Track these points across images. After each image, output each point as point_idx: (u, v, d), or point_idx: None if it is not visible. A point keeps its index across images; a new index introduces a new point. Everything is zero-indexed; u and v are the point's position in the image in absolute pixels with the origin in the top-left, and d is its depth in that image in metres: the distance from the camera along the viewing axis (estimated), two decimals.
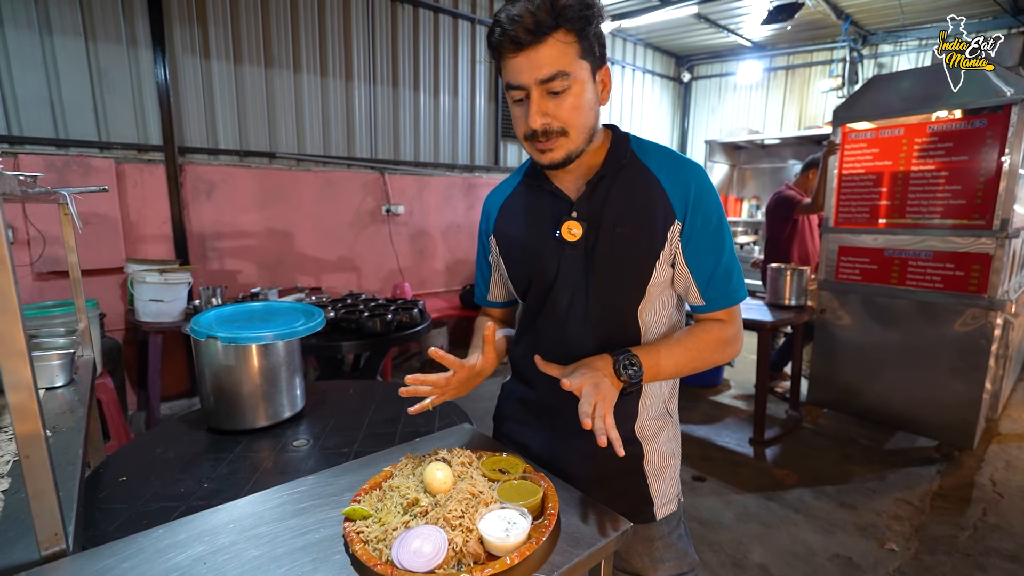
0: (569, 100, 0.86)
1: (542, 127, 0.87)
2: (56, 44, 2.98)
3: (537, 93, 0.86)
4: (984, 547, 2.19)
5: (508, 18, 0.82)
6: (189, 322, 1.32)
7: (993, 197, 2.60)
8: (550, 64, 0.83)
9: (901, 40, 5.66)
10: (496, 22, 0.85)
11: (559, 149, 0.90)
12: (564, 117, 0.87)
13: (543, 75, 0.84)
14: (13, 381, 0.64)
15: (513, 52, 0.84)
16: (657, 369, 0.92)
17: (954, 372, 2.81)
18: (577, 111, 0.87)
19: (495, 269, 1.14)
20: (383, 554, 0.70)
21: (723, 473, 2.79)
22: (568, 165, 0.93)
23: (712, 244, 0.94)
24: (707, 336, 0.97)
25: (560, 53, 0.83)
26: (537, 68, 0.84)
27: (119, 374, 2.93)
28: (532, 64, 0.84)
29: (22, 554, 0.72)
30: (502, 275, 1.12)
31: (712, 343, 0.96)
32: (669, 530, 1.05)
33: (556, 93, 0.86)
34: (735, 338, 0.99)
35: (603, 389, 0.84)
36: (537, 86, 0.85)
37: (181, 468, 1.15)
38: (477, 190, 5.11)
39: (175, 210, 3.46)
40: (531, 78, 0.85)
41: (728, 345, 0.98)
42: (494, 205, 1.12)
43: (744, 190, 6.98)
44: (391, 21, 4.34)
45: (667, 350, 0.94)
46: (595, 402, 0.81)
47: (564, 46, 0.84)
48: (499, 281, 1.17)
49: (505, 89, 0.91)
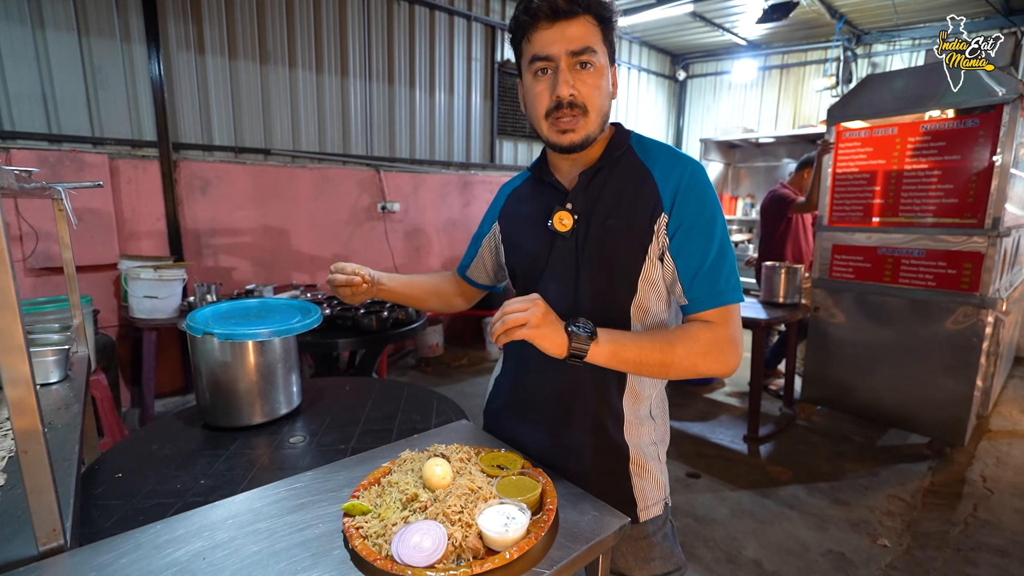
0: (595, 78, 0.90)
1: (570, 96, 0.90)
2: (49, 38, 2.95)
3: (566, 64, 0.89)
4: (975, 542, 2.21)
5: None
6: (183, 319, 1.32)
7: (985, 196, 2.63)
8: (582, 38, 0.88)
9: (895, 40, 5.69)
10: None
11: (580, 130, 0.92)
12: (587, 94, 0.90)
13: (575, 47, 0.88)
14: (12, 376, 0.64)
15: (548, 22, 0.88)
16: (617, 348, 0.85)
17: (946, 369, 2.84)
18: (599, 91, 0.91)
19: (485, 251, 1.22)
20: (383, 549, 0.70)
21: (717, 470, 2.81)
22: (584, 149, 0.95)
23: (700, 239, 0.90)
24: (690, 337, 0.88)
25: (590, 32, 0.89)
26: (570, 40, 0.88)
27: (113, 371, 2.91)
28: (565, 36, 0.88)
29: (20, 550, 0.71)
30: (496, 260, 1.20)
31: (696, 345, 0.87)
32: (654, 530, 1.04)
33: (583, 67, 0.89)
34: (726, 345, 0.88)
35: (541, 311, 0.83)
36: (567, 57, 0.89)
37: (177, 465, 1.15)
38: (473, 187, 5.11)
39: (169, 206, 3.44)
40: (563, 49, 0.88)
41: (715, 351, 0.87)
42: (504, 195, 1.18)
43: (739, 188, 7.01)
44: (387, 17, 4.32)
45: (638, 338, 0.88)
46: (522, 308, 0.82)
47: (592, 27, 0.89)
48: (482, 262, 1.24)
49: (528, 63, 0.93)
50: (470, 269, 1.27)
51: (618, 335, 0.87)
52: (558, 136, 0.93)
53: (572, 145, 0.93)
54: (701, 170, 0.94)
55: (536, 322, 0.82)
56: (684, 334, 0.88)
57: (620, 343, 0.86)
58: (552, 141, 0.95)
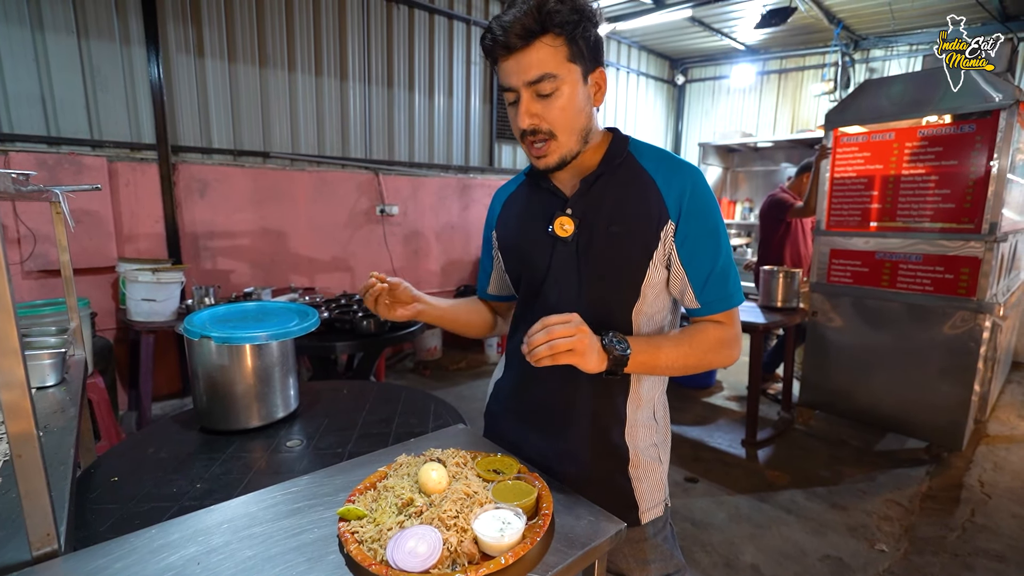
0: (558, 102, 0.89)
1: (530, 126, 0.91)
2: (48, 41, 2.95)
3: (526, 95, 0.89)
4: (972, 547, 2.21)
5: (499, 24, 0.87)
6: (181, 322, 1.32)
7: (982, 201, 2.64)
8: (537, 67, 0.87)
9: (892, 45, 5.72)
10: (488, 28, 0.89)
11: (552, 154, 0.94)
12: (552, 119, 0.90)
13: (530, 77, 0.88)
14: (6, 380, 0.64)
15: (504, 56, 0.88)
16: (648, 358, 0.90)
17: (943, 374, 2.84)
18: (565, 112, 0.90)
19: (495, 263, 1.18)
20: (378, 554, 0.70)
21: (715, 474, 2.80)
22: (563, 167, 0.96)
23: (708, 246, 0.94)
24: (704, 336, 0.95)
25: (548, 56, 0.87)
26: (525, 71, 0.87)
27: (110, 374, 2.91)
28: (520, 67, 0.88)
29: (13, 554, 0.71)
30: (501, 269, 1.16)
31: (709, 343, 0.95)
32: (655, 532, 1.05)
33: (545, 96, 0.89)
34: (733, 341, 0.98)
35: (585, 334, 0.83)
36: (525, 88, 0.89)
37: (173, 468, 1.15)
38: (472, 191, 5.12)
39: (168, 209, 3.44)
40: (519, 80, 0.89)
41: (725, 347, 0.96)
42: (499, 201, 1.17)
43: (737, 193, 7.02)
44: (386, 21, 4.34)
45: (662, 343, 0.93)
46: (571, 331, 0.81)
47: (552, 50, 0.87)
48: (498, 275, 1.20)
49: (500, 91, 0.94)
50: (491, 287, 1.23)
51: (645, 344, 0.91)
52: (535, 160, 0.96)
53: (548, 168, 0.96)
54: (702, 177, 0.96)
55: (582, 348, 0.82)
56: (700, 335, 0.95)
57: (649, 353, 0.90)
58: (532, 163, 0.99)
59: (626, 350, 0.87)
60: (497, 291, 1.23)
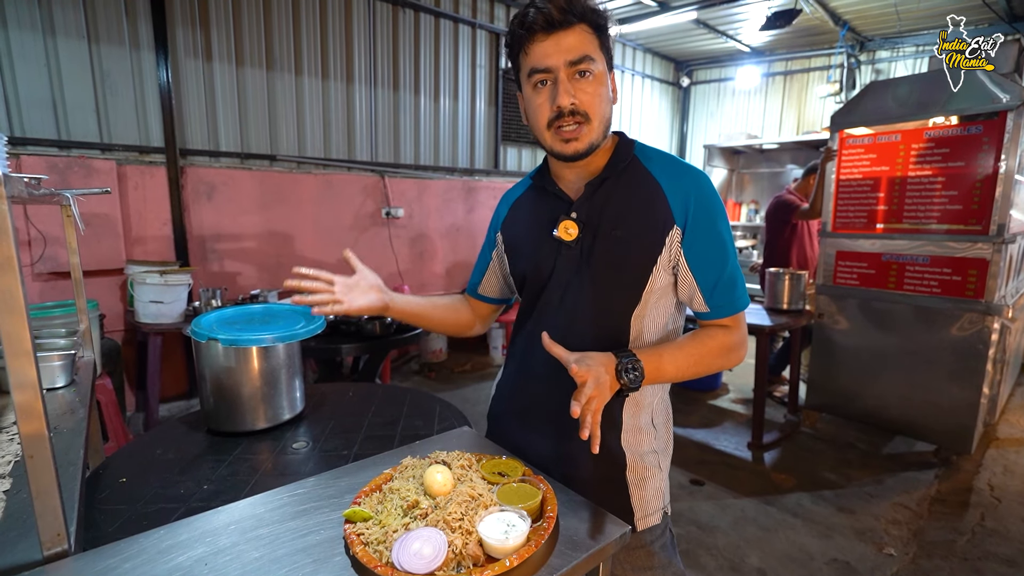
0: (594, 86, 0.91)
1: (571, 105, 0.90)
2: (59, 46, 2.99)
3: (565, 74, 0.90)
4: (982, 552, 2.19)
5: (537, 6, 0.88)
6: (189, 324, 1.33)
7: (989, 202, 2.62)
8: (579, 47, 0.89)
9: (898, 46, 5.69)
10: (529, 5, 0.89)
11: (583, 138, 0.92)
12: (588, 102, 0.91)
13: (573, 56, 0.88)
14: (19, 381, 0.65)
15: (544, 34, 0.89)
16: (658, 373, 0.91)
17: (952, 377, 2.82)
18: (600, 98, 0.92)
19: (495, 263, 1.18)
20: (383, 556, 0.70)
21: (721, 477, 2.79)
22: (587, 157, 0.95)
23: (716, 252, 0.94)
24: (712, 342, 0.96)
25: (586, 40, 0.90)
26: (567, 50, 0.88)
27: (118, 375, 2.93)
28: (561, 47, 0.88)
29: (24, 554, 0.72)
30: (503, 271, 1.16)
31: (716, 349, 0.96)
32: (652, 539, 1.03)
33: (582, 75, 0.90)
34: (740, 344, 0.98)
35: (602, 386, 0.84)
36: (566, 67, 0.89)
37: (180, 470, 1.16)
38: (476, 193, 5.13)
39: (176, 212, 3.47)
40: (560, 59, 0.89)
41: (732, 351, 0.97)
42: (506, 203, 1.17)
43: (743, 194, 7.01)
44: (392, 25, 4.36)
45: (670, 354, 0.93)
46: (591, 396, 0.81)
47: (589, 35, 0.90)
48: (494, 276, 1.21)
49: (527, 76, 0.93)
50: (481, 286, 1.24)
51: (655, 358, 0.91)
52: (562, 146, 0.93)
53: (576, 154, 0.93)
54: (708, 181, 0.97)
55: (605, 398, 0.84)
56: (709, 342, 0.96)
57: (660, 368, 0.91)
58: (556, 151, 0.95)
59: (638, 380, 0.87)
60: (488, 292, 1.23)
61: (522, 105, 1.00)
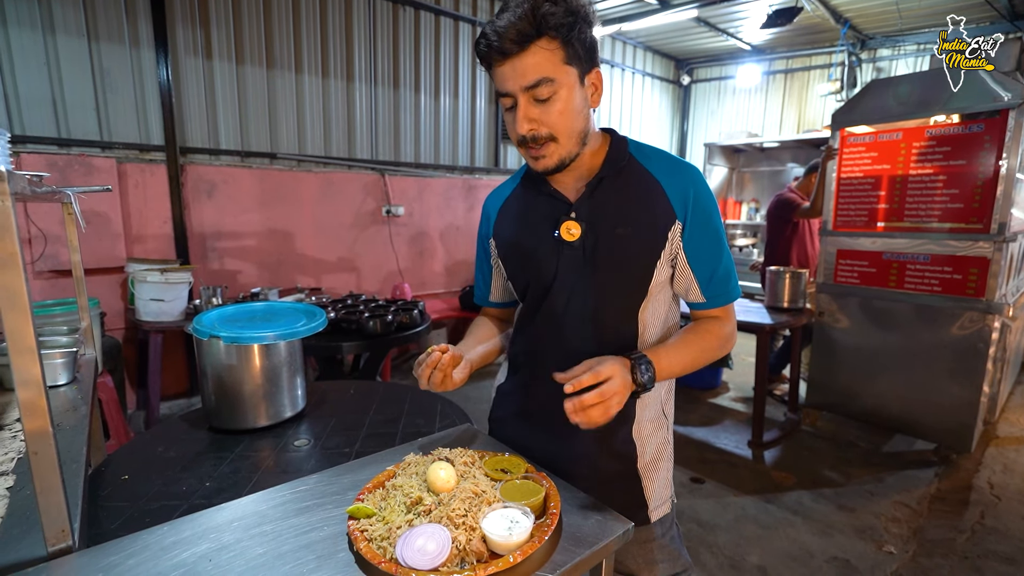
0: (556, 106, 0.88)
1: (530, 133, 0.90)
2: (59, 44, 2.99)
3: (524, 100, 0.88)
4: (982, 550, 2.20)
5: (493, 30, 0.85)
6: (189, 321, 1.33)
7: (991, 201, 2.62)
8: (534, 71, 0.85)
9: (899, 45, 5.69)
10: (482, 34, 0.87)
11: (551, 156, 0.93)
12: (551, 123, 0.89)
13: (527, 82, 0.86)
14: (23, 378, 0.65)
15: (499, 61, 0.87)
16: (668, 370, 0.94)
17: (952, 375, 2.82)
18: (564, 116, 0.89)
19: (495, 270, 1.16)
20: (387, 552, 0.71)
21: (722, 475, 2.80)
22: (562, 170, 0.96)
23: (713, 246, 0.97)
24: (708, 335, 1.00)
25: (544, 60, 0.85)
26: (521, 75, 0.86)
27: (119, 373, 2.93)
28: (516, 72, 0.86)
29: (28, 550, 0.72)
30: (502, 276, 1.14)
31: (714, 340, 1.00)
32: (663, 532, 1.07)
33: (542, 100, 0.88)
34: (733, 333, 1.03)
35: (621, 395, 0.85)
36: (523, 93, 0.87)
37: (182, 467, 1.16)
38: (477, 191, 5.12)
39: (176, 210, 3.46)
40: (516, 85, 0.87)
41: (728, 341, 1.02)
42: (493, 207, 1.14)
43: (743, 193, 7.00)
44: (392, 23, 4.35)
45: (673, 351, 0.96)
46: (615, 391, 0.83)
47: (548, 53, 0.85)
48: (499, 282, 1.19)
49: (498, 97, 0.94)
50: (491, 295, 1.22)
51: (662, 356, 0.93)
52: (533, 162, 0.96)
53: (546, 170, 0.95)
54: (702, 176, 0.99)
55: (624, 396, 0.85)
56: (706, 334, 1.00)
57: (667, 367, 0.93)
58: (531, 167, 0.98)
59: (653, 380, 0.90)
60: (500, 298, 1.22)
61: None
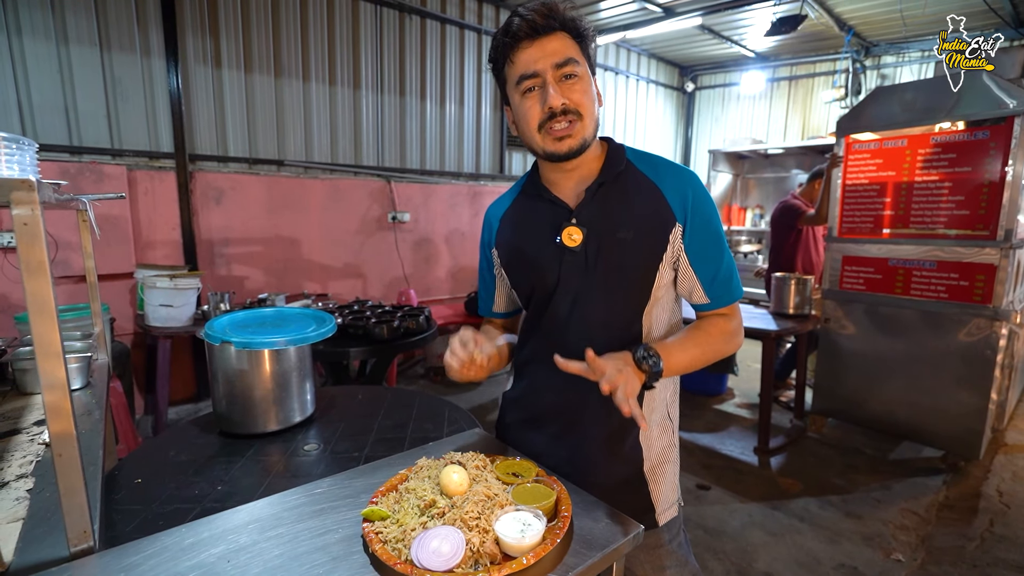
0: (581, 85, 0.93)
1: (562, 105, 0.92)
2: (72, 53, 3.04)
3: (552, 77, 0.92)
4: (991, 558, 2.18)
5: (525, 10, 0.91)
6: (198, 327, 1.35)
7: (997, 208, 2.62)
8: (563, 51, 0.92)
9: (904, 51, 5.70)
10: (513, 14, 0.93)
11: (576, 134, 0.94)
12: (578, 100, 0.93)
13: (558, 59, 0.91)
14: (49, 381, 0.66)
15: (528, 41, 0.92)
16: (672, 363, 0.93)
17: (959, 382, 2.81)
18: (587, 96, 0.94)
19: (499, 280, 1.17)
20: (402, 554, 0.72)
21: (728, 482, 2.79)
22: (580, 156, 0.96)
23: (714, 246, 0.99)
24: (714, 330, 1.01)
25: (568, 45, 0.93)
26: (552, 54, 0.91)
27: (128, 378, 2.95)
28: (546, 52, 0.91)
29: (51, 551, 0.74)
30: (506, 285, 1.15)
31: (719, 335, 1.01)
32: (670, 537, 1.07)
33: (569, 77, 0.92)
34: (738, 330, 1.04)
35: (626, 374, 0.85)
36: (553, 70, 0.92)
37: (194, 471, 1.17)
38: (482, 198, 5.15)
39: (184, 216, 3.50)
40: (547, 63, 0.91)
41: (733, 336, 1.03)
42: (495, 217, 1.14)
43: (747, 199, 7.00)
44: (399, 31, 4.40)
45: (679, 345, 0.96)
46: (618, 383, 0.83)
47: (570, 41, 0.93)
48: (503, 291, 1.19)
49: (515, 85, 0.95)
50: (495, 304, 1.22)
51: (669, 351, 0.94)
52: (555, 144, 0.94)
53: (571, 151, 0.94)
54: (700, 180, 1.01)
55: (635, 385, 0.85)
56: (712, 329, 1.01)
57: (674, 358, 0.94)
58: (549, 150, 0.95)
59: (659, 363, 0.90)
60: (504, 308, 1.22)
61: (510, 116, 1.02)
